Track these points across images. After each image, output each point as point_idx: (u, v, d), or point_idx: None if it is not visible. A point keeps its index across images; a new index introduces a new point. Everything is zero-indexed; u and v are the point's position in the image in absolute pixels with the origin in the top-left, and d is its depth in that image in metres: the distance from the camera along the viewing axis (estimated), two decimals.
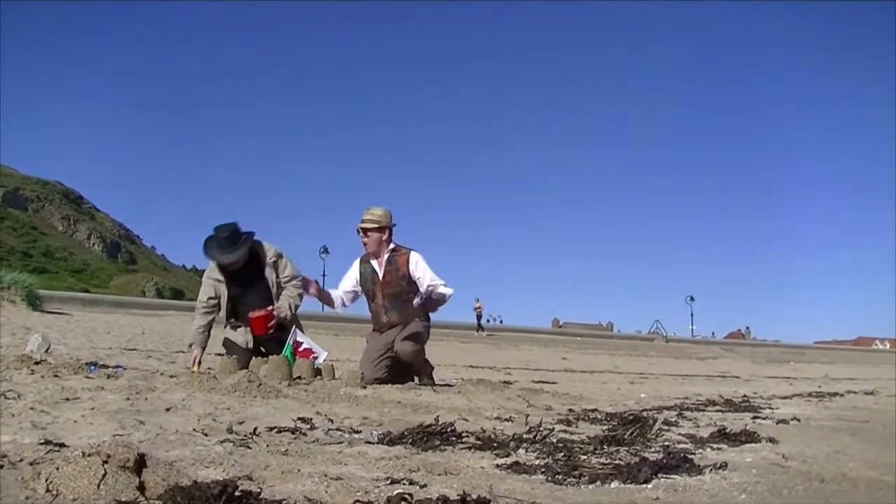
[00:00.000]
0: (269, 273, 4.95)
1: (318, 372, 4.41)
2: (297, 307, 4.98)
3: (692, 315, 47.42)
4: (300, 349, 4.70)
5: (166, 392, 3.16)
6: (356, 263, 5.08)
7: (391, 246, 4.94)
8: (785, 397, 6.43)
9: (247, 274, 4.91)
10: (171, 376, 3.94)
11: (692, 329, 46.57)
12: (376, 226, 4.88)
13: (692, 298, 48.03)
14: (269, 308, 4.82)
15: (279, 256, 5.00)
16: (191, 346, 4.94)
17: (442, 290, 4.88)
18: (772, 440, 2.74)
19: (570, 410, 3.84)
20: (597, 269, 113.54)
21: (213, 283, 4.95)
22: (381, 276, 4.92)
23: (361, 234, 4.90)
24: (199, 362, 4.78)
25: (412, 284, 4.86)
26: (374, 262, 4.95)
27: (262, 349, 4.87)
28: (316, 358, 4.68)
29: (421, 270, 4.88)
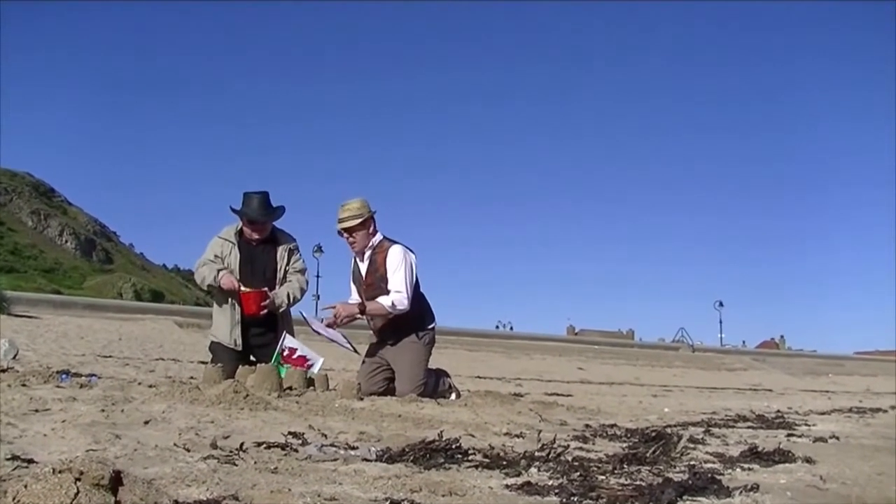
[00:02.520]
0: (282, 257, 5.04)
1: (310, 382, 4.41)
2: (295, 301, 5.03)
3: (721, 322, 47.35)
4: (294, 356, 4.70)
5: (145, 403, 3.17)
6: (353, 261, 5.00)
7: (375, 240, 4.81)
8: (823, 413, 6.41)
9: (261, 251, 5.02)
10: (151, 386, 3.96)
11: (721, 337, 46.52)
12: (359, 221, 4.72)
13: (721, 304, 47.96)
14: (265, 289, 4.87)
15: (297, 247, 5.16)
16: (217, 274, 4.85)
17: (382, 300, 4.64)
18: (808, 460, 2.74)
19: (587, 426, 3.84)
20: (616, 272, 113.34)
21: (221, 243, 5.01)
22: (363, 276, 4.83)
23: (346, 235, 4.76)
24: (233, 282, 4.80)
25: None
26: (360, 261, 4.87)
27: (252, 357, 4.87)
28: (311, 366, 4.68)
29: (391, 269, 4.69)
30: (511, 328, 43.80)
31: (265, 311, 4.85)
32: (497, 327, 44.63)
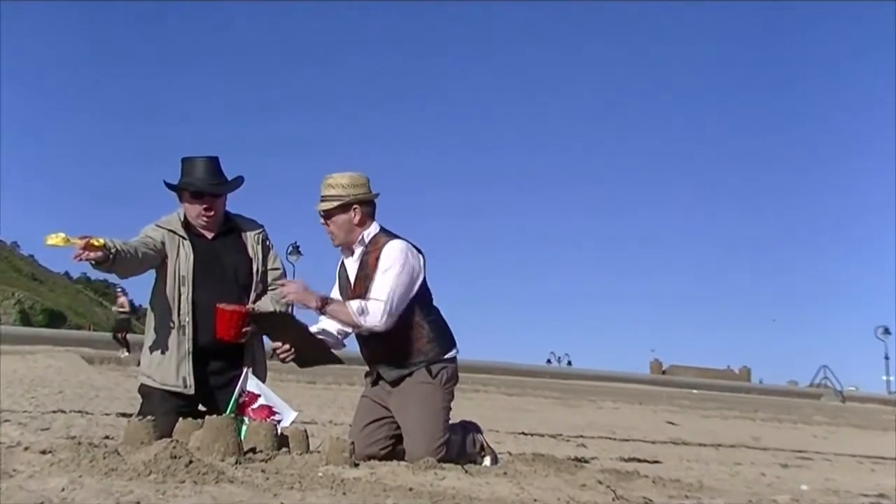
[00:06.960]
0: (254, 252, 5.07)
1: (282, 442, 4.42)
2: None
3: (887, 358, 46.76)
4: (254, 405, 4.67)
5: (34, 478, 3.18)
6: (341, 260, 5.08)
7: (368, 233, 4.89)
8: None
9: (222, 245, 5.03)
10: (44, 452, 3.95)
11: (888, 381, 46.01)
12: (338, 203, 4.81)
13: (887, 331, 47.38)
14: (247, 307, 4.87)
15: (268, 237, 5.19)
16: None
17: (353, 303, 4.71)
18: None
19: None
20: (720, 287, 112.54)
21: (163, 234, 4.92)
22: (351, 282, 4.91)
23: (322, 219, 4.88)
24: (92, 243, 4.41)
25: None
26: (349, 260, 4.96)
27: (203, 407, 4.82)
28: (279, 421, 4.67)
29: (380, 269, 4.76)
30: (569, 363, 43.95)
31: (244, 337, 4.86)
32: (549, 362, 44.79)
